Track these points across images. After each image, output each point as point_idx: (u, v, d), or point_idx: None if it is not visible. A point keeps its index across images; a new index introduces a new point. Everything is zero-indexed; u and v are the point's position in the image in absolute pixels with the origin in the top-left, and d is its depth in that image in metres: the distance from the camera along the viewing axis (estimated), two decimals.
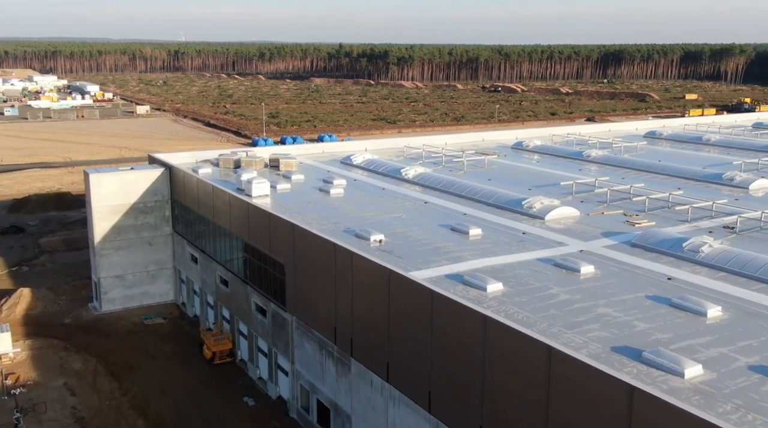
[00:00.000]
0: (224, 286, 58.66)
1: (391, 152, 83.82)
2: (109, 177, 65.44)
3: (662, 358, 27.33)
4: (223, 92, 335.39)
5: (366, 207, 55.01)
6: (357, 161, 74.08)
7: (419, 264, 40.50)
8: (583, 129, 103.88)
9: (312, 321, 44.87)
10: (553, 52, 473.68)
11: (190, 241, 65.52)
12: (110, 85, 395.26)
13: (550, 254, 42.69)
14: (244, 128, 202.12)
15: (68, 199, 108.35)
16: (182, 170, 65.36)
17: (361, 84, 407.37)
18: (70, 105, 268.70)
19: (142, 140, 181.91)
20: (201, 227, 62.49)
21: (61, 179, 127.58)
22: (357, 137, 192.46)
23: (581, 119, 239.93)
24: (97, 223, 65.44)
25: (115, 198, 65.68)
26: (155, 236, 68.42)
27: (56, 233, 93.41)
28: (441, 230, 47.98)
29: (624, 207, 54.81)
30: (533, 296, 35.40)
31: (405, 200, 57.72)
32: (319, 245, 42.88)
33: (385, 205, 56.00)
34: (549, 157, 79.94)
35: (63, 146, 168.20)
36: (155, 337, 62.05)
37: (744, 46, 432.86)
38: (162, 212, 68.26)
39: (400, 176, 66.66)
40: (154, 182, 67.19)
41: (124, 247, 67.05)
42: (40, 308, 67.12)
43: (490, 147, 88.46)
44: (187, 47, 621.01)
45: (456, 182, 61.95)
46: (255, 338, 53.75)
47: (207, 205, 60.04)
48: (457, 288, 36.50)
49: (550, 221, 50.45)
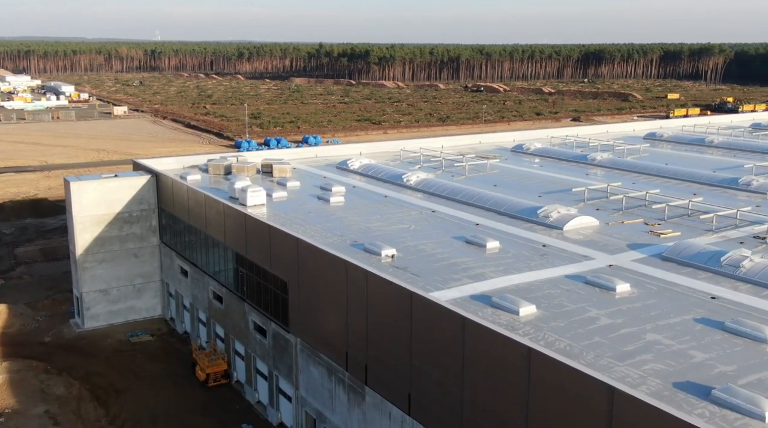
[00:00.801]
0: (218, 302, 54.83)
1: (387, 155, 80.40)
2: (91, 185, 61.23)
3: (736, 397, 24.21)
4: (202, 92, 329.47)
5: (370, 217, 51.52)
6: (354, 166, 70.54)
7: (439, 283, 37.13)
8: (580, 130, 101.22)
9: (320, 344, 41.30)
10: (534, 52, 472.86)
11: (179, 253, 61.55)
12: (85, 85, 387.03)
13: (577, 269, 39.55)
14: (225, 130, 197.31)
15: (45, 205, 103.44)
16: (170, 177, 61.37)
17: (342, 84, 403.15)
18: (44, 106, 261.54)
19: (121, 142, 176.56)
20: (191, 237, 58.59)
21: (38, 184, 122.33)
22: (342, 137, 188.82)
23: (566, 118, 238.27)
24: (79, 234, 61.23)
25: (98, 208, 61.50)
26: (141, 248, 64.33)
27: (33, 242, 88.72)
28: (455, 243, 44.65)
29: (642, 215, 51.88)
30: (571, 320, 32.18)
31: (410, 209, 54.32)
32: (328, 263, 39.34)
33: (390, 214, 52.56)
34: (552, 160, 76.99)
35: (38, 149, 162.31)
36: (143, 356, 58.04)
37: (723, 46, 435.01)
38: (148, 221, 64.20)
39: (401, 183, 63.24)
40: (139, 190, 63.11)
41: (108, 260, 62.89)
42: (18, 325, 62.77)
43: (488, 150, 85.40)
44: (163, 47, 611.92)
45: (462, 189, 58.66)
46: (253, 359, 50.00)
47: (198, 215, 56.16)
48: (486, 311, 33.19)
49: (569, 232, 47.35)
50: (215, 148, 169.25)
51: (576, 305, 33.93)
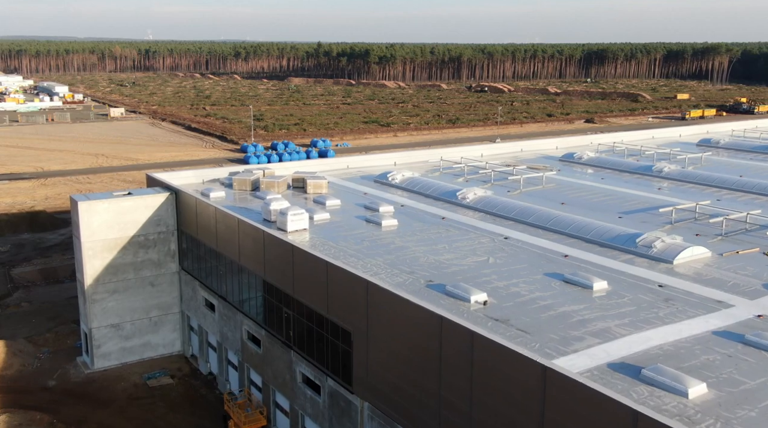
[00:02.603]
0: (254, 345, 46.87)
1: (425, 166, 72.69)
2: (102, 205, 53.15)
3: None
4: (200, 93, 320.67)
5: (435, 246, 43.70)
6: (396, 180, 62.69)
7: (558, 344, 29.39)
8: (624, 136, 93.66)
9: (399, 415, 33.43)
10: (536, 51, 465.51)
11: (203, 282, 53.56)
12: (79, 85, 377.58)
13: (720, 322, 31.88)
14: (228, 133, 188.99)
15: (43, 218, 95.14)
16: (193, 196, 53.37)
17: (342, 84, 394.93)
18: (38, 107, 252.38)
19: (119, 146, 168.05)
20: (219, 266, 50.62)
21: (34, 193, 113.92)
22: (351, 140, 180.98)
23: (579, 119, 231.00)
24: (88, 261, 53.15)
25: (110, 231, 53.47)
26: (159, 276, 56.32)
27: (32, 261, 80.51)
28: (552, 283, 36.91)
29: (756, 243, 44.28)
30: (760, 405, 24.48)
31: (477, 234, 46.52)
32: (411, 315, 31.51)
33: (457, 242, 44.76)
34: (611, 172, 69.26)
35: (33, 154, 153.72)
36: (164, 404, 50.06)
37: (730, 45, 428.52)
38: (167, 245, 56.21)
39: (456, 201, 55.45)
40: (157, 210, 55.12)
41: (120, 290, 54.86)
42: (17, 366, 54.71)
43: (532, 159, 77.78)
44: (158, 46, 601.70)
45: (532, 209, 50.86)
46: (301, 417, 42.10)
47: (229, 241, 48.18)
48: (640, 391, 25.49)
49: (680, 266, 39.68)
50: (219, 152, 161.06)
51: (753, 381, 26.23)
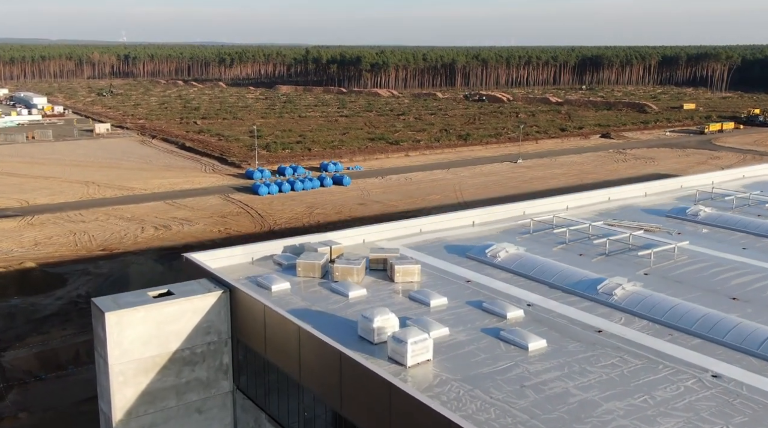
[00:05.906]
0: None
1: (504, 224, 60.33)
2: (137, 315, 39.44)
3: None
4: (187, 104, 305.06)
5: (633, 399, 30.77)
6: (498, 259, 49.68)
7: None
8: (714, 178, 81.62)
9: None
10: (530, 57, 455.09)
11: (270, 413, 40.15)
12: (57, 94, 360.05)
13: None
14: (227, 153, 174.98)
15: (35, 278, 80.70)
16: (258, 300, 39.84)
17: (333, 92, 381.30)
18: (16, 122, 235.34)
19: (111, 170, 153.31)
20: (294, 394, 37.29)
21: (21, 238, 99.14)
22: (361, 162, 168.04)
23: (594, 134, 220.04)
24: (118, 391, 39.45)
25: (147, 347, 39.84)
26: (207, 399, 42.74)
27: (25, 340, 66.35)
28: None
29: None
30: None
31: (673, 370, 33.69)
32: None
33: (658, 388, 31.93)
34: (754, 238, 56.72)
35: (16, 183, 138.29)
36: None
37: (730, 52, 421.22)
38: (218, 359, 42.69)
39: (599, 297, 42.58)
40: (206, 315, 41.61)
41: (159, 422, 41.21)
42: None
43: (626, 212, 65.38)
44: (137, 51, 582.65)
45: (721, 318, 38.15)
46: None
47: (319, 375, 34.86)
48: None
49: None
50: (222, 178, 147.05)
51: None
